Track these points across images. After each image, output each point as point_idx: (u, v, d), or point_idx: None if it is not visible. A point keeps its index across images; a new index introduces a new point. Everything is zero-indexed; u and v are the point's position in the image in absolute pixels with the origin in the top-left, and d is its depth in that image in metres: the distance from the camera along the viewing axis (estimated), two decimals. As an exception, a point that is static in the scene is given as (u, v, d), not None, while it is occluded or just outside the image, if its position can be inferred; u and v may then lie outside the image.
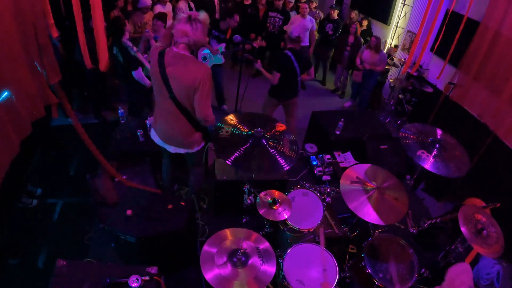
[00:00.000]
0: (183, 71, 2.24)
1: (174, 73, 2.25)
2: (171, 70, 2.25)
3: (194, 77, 2.21)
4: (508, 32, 3.74)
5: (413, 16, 5.75)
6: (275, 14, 6.16)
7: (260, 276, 1.79)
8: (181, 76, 2.24)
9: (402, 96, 5.60)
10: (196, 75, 2.21)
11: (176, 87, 2.28)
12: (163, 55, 2.27)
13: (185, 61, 2.24)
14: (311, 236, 2.44)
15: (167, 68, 2.25)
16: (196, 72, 2.21)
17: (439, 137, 2.64)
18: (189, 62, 2.24)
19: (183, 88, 2.26)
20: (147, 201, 2.48)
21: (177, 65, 2.24)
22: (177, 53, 2.24)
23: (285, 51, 3.80)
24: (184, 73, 2.24)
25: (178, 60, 2.24)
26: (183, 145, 2.59)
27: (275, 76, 3.80)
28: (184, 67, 2.23)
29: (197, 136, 2.56)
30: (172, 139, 2.57)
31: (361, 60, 5.48)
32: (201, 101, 2.28)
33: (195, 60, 2.30)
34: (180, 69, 2.24)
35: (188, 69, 2.23)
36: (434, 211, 3.58)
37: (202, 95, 2.26)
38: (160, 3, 5.39)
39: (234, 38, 4.34)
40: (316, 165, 3.60)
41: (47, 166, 4.00)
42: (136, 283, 1.65)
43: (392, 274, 2.20)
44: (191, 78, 2.22)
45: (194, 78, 2.21)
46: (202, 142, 2.66)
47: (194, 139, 2.56)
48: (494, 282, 2.48)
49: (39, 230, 3.20)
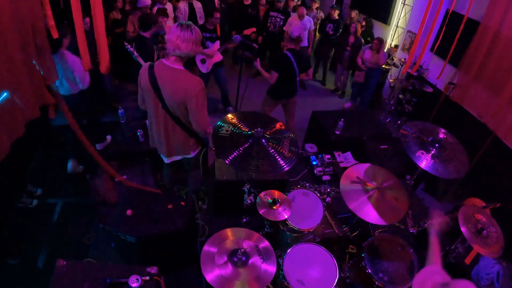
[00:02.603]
0: (173, 85, 2.19)
1: (164, 84, 2.21)
2: (161, 82, 2.21)
3: (185, 92, 2.17)
4: (508, 32, 3.74)
5: (413, 16, 5.75)
6: (276, 14, 6.17)
7: (260, 276, 1.79)
8: (171, 90, 2.20)
9: (402, 96, 5.60)
10: (186, 89, 2.17)
11: (167, 99, 2.24)
12: (152, 68, 2.23)
13: (176, 75, 2.18)
14: (311, 236, 2.44)
15: (158, 80, 2.21)
16: (186, 87, 2.17)
17: (440, 137, 2.64)
18: (180, 76, 2.18)
19: (174, 101, 2.23)
20: (147, 201, 2.48)
21: (167, 78, 2.20)
22: (168, 66, 2.19)
23: (284, 52, 3.81)
24: (175, 88, 2.19)
25: (168, 73, 2.19)
26: (179, 152, 2.58)
27: (273, 75, 3.82)
28: (174, 81, 2.18)
29: (192, 142, 2.55)
30: (168, 148, 2.54)
31: (362, 60, 5.48)
32: (197, 116, 2.25)
33: (185, 73, 2.21)
34: (170, 83, 2.20)
35: (178, 83, 2.18)
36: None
37: (197, 109, 2.22)
38: (159, 3, 5.39)
39: (234, 38, 4.34)
40: (316, 165, 3.60)
41: (47, 166, 4.00)
42: (136, 283, 1.65)
43: (392, 274, 2.20)
44: (181, 92, 2.18)
45: (184, 92, 2.17)
46: (199, 146, 2.65)
47: (189, 145, 2.55)
48: (494, 282, 2.48)
49: (39, 230, 3.19)
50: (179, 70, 2.19)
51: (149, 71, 2.23)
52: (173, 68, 2.18)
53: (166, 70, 2.20)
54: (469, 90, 4.35)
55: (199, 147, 2.67)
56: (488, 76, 4.01)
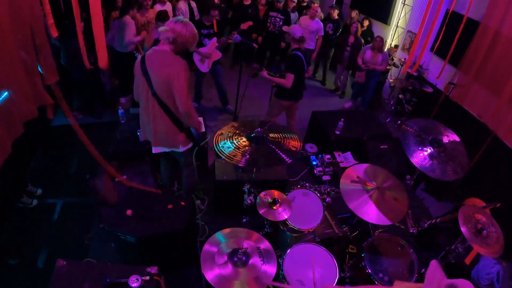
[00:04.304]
0: (159, 65, 2.28)
1: (151, 67, 2.30)
2: (149, 65, 2.30)
3: (169, 70, 2.23)
4: (508, 32, 3.74)
5: (413, 16, 5.75)
6: (275, 14, 6.17)
7: (260, 276, 1.79)
8: (157, 70, 2.28)
9: (402, 96, 5.60)
10: (170, 68, 2.23)
11: (155, 82, 2.31)
12: (144, 57, 2.34)
13: (162, 56, 2.28)
14: (311, 236, 2.44)
15: (147, 63, 2.31)
16: (171, 66, 2.24)
17: (440, 137, 2.63)
18: (166, 56, 2.28)
19: (161, 82, 2.29)
20: (147, 201, 2.48)
21: (154, 60, 2.29)
22: (156, 50, 2.31)
23: (294, 52, 3.73)
24: (160, 67, 2.27)
25: (156, 55, 2.30)
26: (167, 144, 2.61)
27: (289, 78, 3.69)
28: (160, 61, 2.28)
29: (181, 136, 2.57)
30: (156, 138, 2.58)
31: (363, 61, 5.48)
32: (180, 96, 2.29)
33: (172, 55, 2.29)
34: (156, 64, 2.29)
35: (163, 63, 2.26)
36: (434, 211, 3.58)
37: (179, 87, 2.26)
38: (159, 3, 5.38)
39: (234, 38, 4.34)
40: (316, 165, 3.60)
41: (47, 166, 4.00)
42: (136, 283, 1.65)
43: (392, 274, 2.20)
44: (165, 71, 2.25)
45: (168, 71, 2.24)
46: (189, 143, 2.66)
47: (178, 138, 2.57)
48: (494, 282, 2.48)
49: (39, 230, 3.20)
50: (165, 51, 2.29)
51: (141, 60, 2.34)
52: (160, 50, 2.30)
53: (154, 54, 2.32)
54: (469, 90, 4.35)
55: (190, 144, 2.67)
56: (488, 76, 4.01)
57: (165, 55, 2.28)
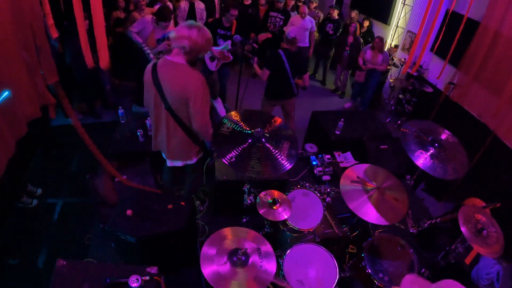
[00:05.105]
0: (172, 79, 2.11)
1: (165, 80, 2.14)
2: (162, 77, 2.14)
3: (185, 87, 2.09)
4: (508, 32, 3.74)
5: (413, 16, 5.75)
6: (276, 14, 6.16)
7: (260, 276, 1.79)
8: (170, 85, 2.13)
9: (402, 96, 5.60)
10: (186, 83, 2.09)
11: (169, 97, 2.17)
12: (155, 66, 2.17)
13: (177, 69, 2.11)
14: (311, 236, 2.44)
15: (159, 76, 2.14)
16: (185, 80, 2.09)
17: (441, 137, 2.63)
18: (182, 70, 2.11)
19: (176, 98, 2.15)
20: (147, 201, 2.48)
21: (166, 73, 2.13)
22: (168, 60, 2.14)
23: (277, 50, 3.79)
24: (173, 82, 2.11)
25: (168, 67, 2.14)
26: (182, 157, 2.55)
27: (264, 73, 3.82)
28: (175, 75, 2.11)
29: (195, 149, 2.52)
30: (170, 153, 2.52)
31: (363, 60, 5.48)
32: (197, 115, 2.17)
33: (188, 68, 2.13)
34: (169, 77, 2.12)
35: (177, 76, 2.10)
36: (434, 211, 3.58)
37: (196, 108, 2.14)
38: (160, 2, 5.37)
39: (234, 38, 4.34)
40: (316, 165, 3.59)
41: (47, 166, 4.00)
42: (136, 283, 1.65)
43: (392, 274, 2.20)
44: (180, 86, 2.10)
45: (183, 87, 2.09)
46: (201, 153, 2.63)
47: (192, 151, 2.52)
48: (494, 282, 2.48)
49: (39, 230, 3.20)
50: (178, 64, 2.12)
51: (152, 69, 2.18)
52: (173, 62, 2.13)
53: (166, 65, 2.15)
54: (469, 90, 4.35)
55: (201, 154, 2.64)
56: (488, 76, 4.01)
57: (181, 68, 2.11)
